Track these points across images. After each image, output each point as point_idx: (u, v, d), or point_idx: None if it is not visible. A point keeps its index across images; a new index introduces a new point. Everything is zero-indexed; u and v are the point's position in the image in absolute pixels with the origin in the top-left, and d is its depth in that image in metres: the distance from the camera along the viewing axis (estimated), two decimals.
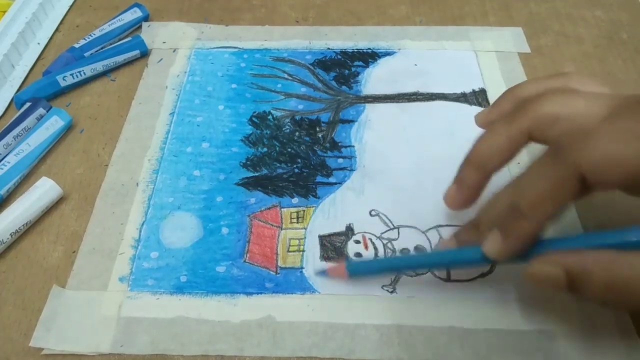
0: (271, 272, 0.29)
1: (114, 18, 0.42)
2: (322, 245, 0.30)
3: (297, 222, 0.31)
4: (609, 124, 0.21)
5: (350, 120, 0.36)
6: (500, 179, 0.26)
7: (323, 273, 0.29)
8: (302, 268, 0.29)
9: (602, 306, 0.24)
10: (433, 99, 0.38)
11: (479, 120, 0.29)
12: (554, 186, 0.22)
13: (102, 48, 0.41)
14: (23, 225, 0.30)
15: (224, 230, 0.30)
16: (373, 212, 0.31)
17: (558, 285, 0.22)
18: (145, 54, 0.41)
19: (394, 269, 0.28)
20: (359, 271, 0.28)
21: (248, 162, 0.34)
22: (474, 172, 0.26)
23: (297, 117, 0.37)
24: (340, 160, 0.34)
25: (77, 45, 0.40)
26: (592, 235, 0.23)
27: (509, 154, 0.25)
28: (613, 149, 0.20)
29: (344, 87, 0.39)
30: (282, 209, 0.31)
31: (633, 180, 0.21)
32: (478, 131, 0.35)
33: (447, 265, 0.28)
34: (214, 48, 0.42)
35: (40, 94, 0.37)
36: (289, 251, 0.30)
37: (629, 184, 0.21)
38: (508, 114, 0.25)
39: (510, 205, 0.23)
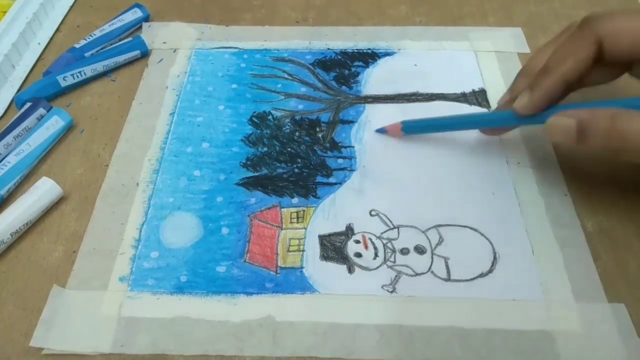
0: (271, 272, 0.29)
1: (114, 18, 0.43)
2: (322, 245, 0.30)
3: (297, 222, 0.31)
4: (628, 12, 0.27)
5: (350, 120, 0.36)
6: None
7: (382, 130, 0.35)
8: (302, 268, 0.29)
9: (606, 154, 0.28)
10: (433, 99, 0.38)
11: (501, 107, 0.33)
12: (575, 46, 0.27)
13: (102, 48, 0.41)
14: (23, 225, 0.30)
15: (224, 230, 0.31)
16: (373, 212, 0.31)
17: (569, 134, 0.27)
18: (145, 54, 0.41)
19: (441, 126, 0.34)
20: (412, 127, 0.34)
21: (248, 162, 0.34)
22: (548, 78, 0.28)
23: (297, 117, 0.37)
24: (340, 161, 0.34)
25: (77, 46, 0.40)
26: (602, 102, 0.27)
27: (583, 56, 0.28)
28: (628, 23, 0.26)
29: (344, 87, 0.39)
30: (282, 209, 0.31)
31: None
32: (478, 131, 0.35)
33: (484, 123, 0.33)
34: (214, 48, 0.42)
35: (41, 94, 0.37)
36: (289, 251, 0.30)
37: (637, 55, 0.27)
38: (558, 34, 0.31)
39: (542, 67, 0.28)
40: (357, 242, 0.30)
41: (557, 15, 0.44)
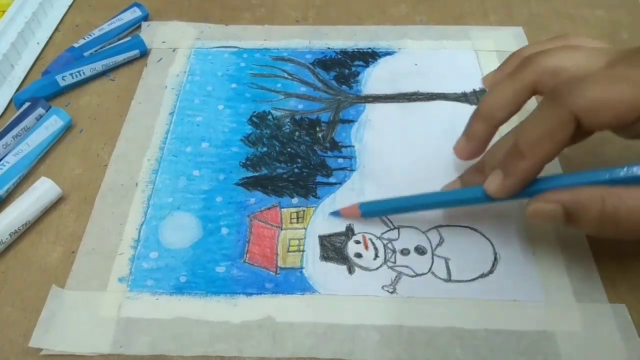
0: (271, 273, 0.29)
1: (113, 18, 0.42)
2: (322, 245, 0.30)
3: (297, 222, 0.31)
4: (603, 71, 0.24)
5: (351, 120, 0.36)
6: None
7: (336, 213, 0.31)
8: (302, 268, 0.29)
9: (600, 236, 0.25)
10: (433, 99, 0.38)
11: (486, 82, 0.31)
12: (551, 128, 0.24)
13: (101, 48, 0.41)
14: (22, 225, 0.30)
15: (224, 231, 0.30)
16: None
17: (556, 220, 0.24)
18: (144, 53, 0.41)
19: (404, 208, 0.30)
20: (371, 211, 0.30)
21: (248, 162, 0.34)
22: (481, 125, 0.28)
23: (297, 117, 0.37)
24: (340, 160, 0.34)
25: (76, 45, 0.40)
26: (586, 173, 0.25)
27: (514, 107, 0.27)
28: (604, 92, 0.23)
29: (344, 87, 0.39)
30: (282, 209, 0.31)
31: (623, 121, 0.23)
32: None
33: (452, 203, 0.29)
34: (214, 48, 0.42)
35: (40, 93, 0.37)
36: (288, 251, 0.29)
37: (619, 125, 0.23)
38: (513, 70, 0.28)
39: (512, 147, 0.25)
40: (358, 242, 0.30)
41: (558, 15, 0.44)
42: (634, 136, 0.25)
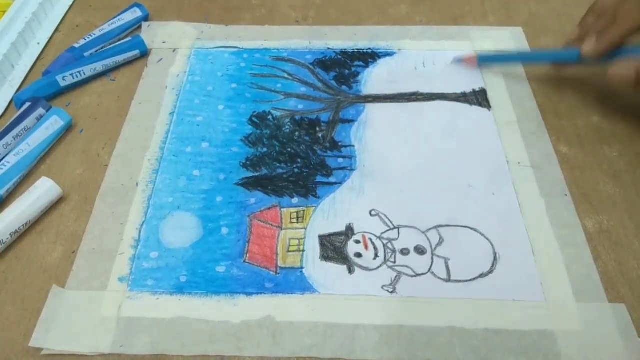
0: (271, 272, 0.29)
1: (113, 18, 0.42)
2: (322, 245, 0.30)
3: (297, 222, 0.31)
4: None
5: (350, 119, 0.36)
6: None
7: (459, 60, 0.39)
8: (302, 268, 0.29)
9: None
10: (433, 99, 0.38)
11: (569, 42, 0.36)
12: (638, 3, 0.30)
13: (102, 48, 0.41)
14: (23, 225, 0.30)
15: (224, 231, 0.30)
16: (373, 212, 0.31)
17: (629, 81, 0.31)
18: (145, 54, 0.41)
19: (516, 60, 0.39)
20: (488, 61, 0.39)
21: (248, 162, 0.34)
22: (613, 28, 0.32)
23: (297, 117, 0.37)
24: (340, 160, 0.34)
25: (77, 45, 0.40)
26: None
27: None
28: None
29: (344, 87, 0.39)
30: (282, 209, 0.31)
31: None
32: (478, 131, 0.35)
33: (554, 60, 0.37)
34: (214, 48, 0.42)
35: (40, 93, 0.37)
36: (288, 251, 0.30)
37: None
38: None
39: (607, 17, 0.32)
40: (357, 242, 0.30)
41: (557, 15, 0.44)
42: None
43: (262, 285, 0.28)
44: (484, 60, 0.39)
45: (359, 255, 0.29)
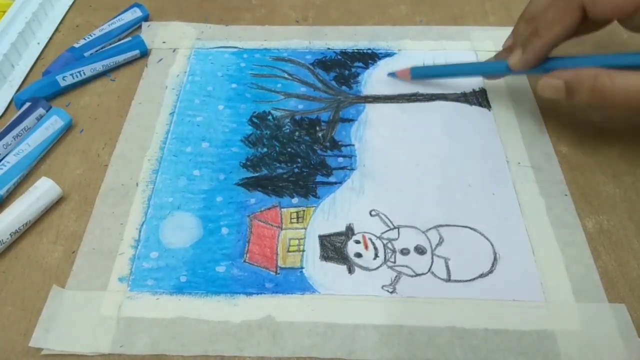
0: (271, 272, 0.29)
1: (113, 18, 0.42)
2: (322, 245, 0.30)
3: (297, 222, 0.31)
4: None
5: (350, 119, 0.36)
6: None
7: (392, 74, 0.38)
8: (302, 268, 0.29)
9: (593, 110, 0.35)
10: (433, 99, 0.38)
11: (502, 53, 0.37)
12: (561, 13, 0.30)
13: (102, 48, 0.41)
14: (23, 225, 0.30)
15: (224, 231, 0.30)
16: (373, 212, 0.31)
17: (559, 93, 0.31)
18: (145, 53, 0.41)
19: (448, 73, 0.38)
20: (420, 75, 0.38)
21: (248, 162, 0.34)
22: (537, 40, 0.32)
23: (297, 117, 0.37)
24: (340, 160, 0.34)
25: (77, 45, 0.40)
26: (590, 57, 0.31)
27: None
28: None
29: (344, 87, 0.39)
30: (282, 209, 0.31)
31: (624, 12, 0.29)
32: (478, 131, 0.35)
33: (484, 73, 0.37)
34: (214, 48, 0.42)
35: (40, 93, 0.37)
36: (288, 251, 0.30)
37: (620, 16, 0.30)
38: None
39: (531, 29, 0.32)
40: (357, 242, 0.30)
41: None
42: (636, 28, 0.31)
43: (262, 285, 0.28)
44: (417, 73, 0.38)
45: (359, 255, 0.29)
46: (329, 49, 0.41)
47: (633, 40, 0.39)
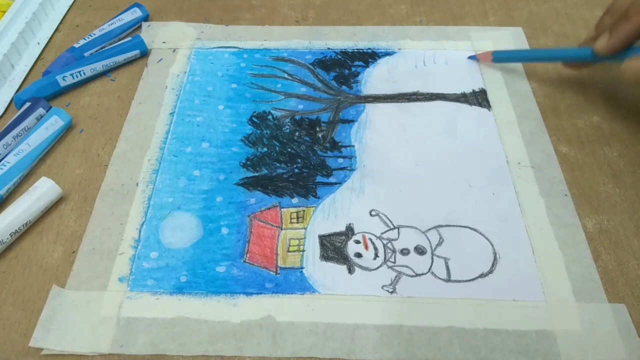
0: (271, 272, 0.29)
1: (113, 18, 0.42)
2: (322, 245, 0.30)
3: (297, 222, 0.31)
4: None
5: (350, 120, 0.36)
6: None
7: (473, 57, 0.40)
8: (302, 268, 0.29)
9: None
10: (433, 99, 0.38)
11: (584, 43, 0.36)
12: None
13: (102, 48, 0.41)
14: (23, 225, 0.30)
15: (224, 231, 0.30)
16: (373, 212, 0.31)
17: None
18: (145, 53, 0.41)
19: (530, 58, 0.39)
20: (503, 58, 0.39)
21: (248, 162, 0.34)
22: (625, 23, 0.32)
23: (297, 117, 0.37)
24: (340, 160, 0.34)
25: (77, 45, 0.40)
26: None
27: None
28: None
29: (344, 87, 0.39)
30: (282, 209, 0.31)
31: None
32: (478, 131, 0.35)
33: (568, 59, 0.37)
34: (214, 48, 0.42)
35: (40, 93, 0.37)
36: (288, 251, 0.30)
37: None
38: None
39: (619, 15, 0.32)
40: (357, 242, 0.30)
41: (557, 15, 0.44)
42: None
43: (262, 285, 0.28)
44: (499, 56, 0.39)
45: (359, 255, 0.29)
46: (329, 48, 0.41)
47: None
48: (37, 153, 0.34)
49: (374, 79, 0.39)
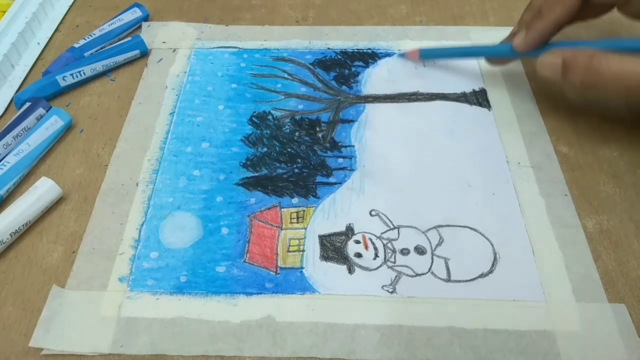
0: (271, 272, 0.29)
1: (113, 18, 0.42)
2: (322, 245, 0.30)
3: (297, 222, 0.31)
4: None
5: (350, 120, 0.36)
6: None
7: (402, 55, 0.40)
8: (302, 268, 0.29)
9: (585, 92, 0.35)
10: (433, 99, 0.38)
11: (507, 39, 0.36)
12: None
13: (102, 48, 0.41)
14: (23, 225, 0.30)
15: (224, 231, 0.30)
16: (373, 212, 0.31)
17: (556, 71, 0.31)
18: (145, 53, 0.41)
19: (455, 54, 0.39)
20: (429, 55, 0.39)
21: (248, 162, 0.34)
22: (539, 21, 0.33)
23: (297, 117, 0.37)
24: (340, 160, 0.34)
25: (77, 45, 0.40)
26: (589, 42, 0.31)
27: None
28: None
29: (344, 87, 0.39)
30: (282, 209, 0.31)
31: None
32: (478, 131, 0.35)
33: (489, 54, 0.37)
34: (214, 48, 0.42)
35: (40, 93, 0.37)
36: (288, 251, 0.30)
37: (619, 2, 0.32)
38: None
39: (535, 11, 0.33)
40: (357, 242, 0.30)
41: None
42: (635, 15, 0.32)
43: (262, 285, 0.28)
44: (426, 54, 0.39)
45: (359, 255, 0.29)
46: (329, 48, 0.41)
47: (637, 29, 0.39)
48: (37, 153, 0.34)
49: (374, 79, 0.39)
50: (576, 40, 0.32)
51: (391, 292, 0.28)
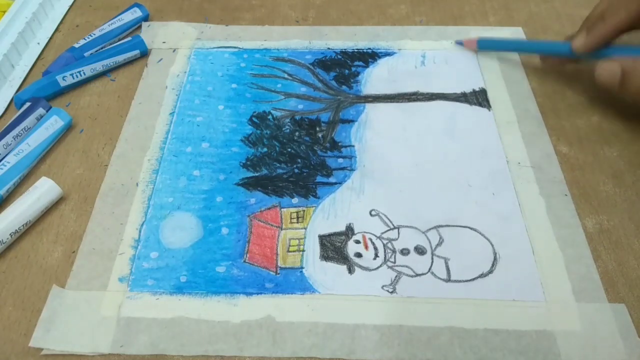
0: (271, 272, 0.29)
1: (113, 18, 0.42)
2: (322, 245, 0.30)
3: (297, 222, 0.31)
4: None
5: (350, 120, 0.36)
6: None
7: (459, 42, 0.41)
8: (302, 268, 0.29)
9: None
10: (433, 99, 0.38)
11: (570, 37, 0.36)
12: (625, 1, 0.32)
13: (102, 48, 0.41)
14: (23, 225, 0.30)
15: (224, 231, 0.30)
16: (373, 212, 0.31)
17: (614, 78, 0.32)
18: (145, 53, 0.41)
19: (513, 48, 0.40)
20: (487, 46, 0.40)
21: (248, 162, 0.34)
22: (602, 24, 0.33)
23: (297, 117, 0.37)
24: (340, 160, 0.34)
25: (77, 45, 0.40)
26: None
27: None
28: None
29: (344, 87, 0.39)
30: (282, 209, 0.31)
31: None
32: (478, 131, 0.35)
33: (547, 51, 0.38)
34: (214, 48, 0.42)
35: (40, 93, 0.37)
36: (288, 251, 0.30)
37: None
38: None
39: (597, 14, 0.33)
40: (357, 242, 0.30)
41: (557, 15, 0.44)
42: None
43: (262, 285, 0.28)
44: (484, 45, 0.40)
45: (359, 255, 0.29)
46: (329, 48, 0.41)
47: None
48: (37, 153, 0.34)
49: (374, 79, 0.39)
50: (637, 47, 0.32)
51: (391, 292, 0.28)
